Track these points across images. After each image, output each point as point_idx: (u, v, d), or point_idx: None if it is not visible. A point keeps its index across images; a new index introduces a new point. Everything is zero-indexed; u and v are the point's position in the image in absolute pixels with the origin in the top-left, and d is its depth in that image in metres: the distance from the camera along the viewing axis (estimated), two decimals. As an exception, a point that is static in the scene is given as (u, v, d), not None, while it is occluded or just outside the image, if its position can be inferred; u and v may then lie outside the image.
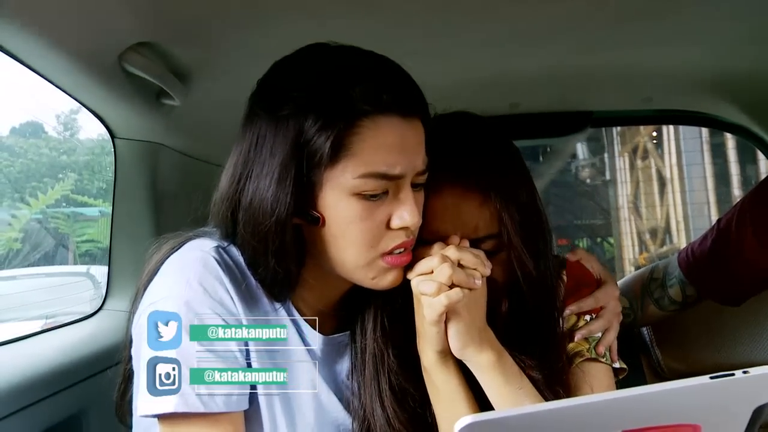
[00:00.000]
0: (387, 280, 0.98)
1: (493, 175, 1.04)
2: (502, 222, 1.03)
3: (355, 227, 0.92)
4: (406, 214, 0.94)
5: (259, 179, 0.91)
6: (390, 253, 0.95)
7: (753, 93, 1.79)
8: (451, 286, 0.94)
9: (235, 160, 0.94)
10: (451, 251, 0.97)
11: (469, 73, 1.55)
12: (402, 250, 0.96)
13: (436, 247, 0.99)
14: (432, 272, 0.95)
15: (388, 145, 0.91)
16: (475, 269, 0.96)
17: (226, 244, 0.97)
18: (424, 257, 0.98)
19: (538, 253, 1.07)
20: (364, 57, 0.94)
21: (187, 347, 0.88)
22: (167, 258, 0.96)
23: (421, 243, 1.00)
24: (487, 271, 0.98)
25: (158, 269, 0.96)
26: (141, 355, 0.90)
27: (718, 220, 1.47)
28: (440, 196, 1.03)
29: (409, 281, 0.99)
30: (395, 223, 0.94)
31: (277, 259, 0.92)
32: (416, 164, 0.95)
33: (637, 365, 1.69)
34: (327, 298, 1.05)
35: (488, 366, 0.98)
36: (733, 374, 0.58)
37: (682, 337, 1.67)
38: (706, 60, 1.59)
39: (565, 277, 1.16)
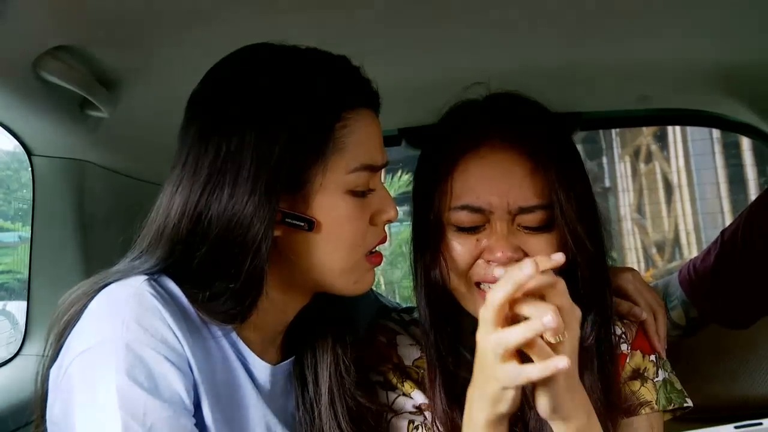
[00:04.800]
0: (367, 282, 1.08)
1: (547, 144, 1.14)
2: (555, 193, 1.11)
3: (349, 227, 1.02)
4: (390, 208, 1.07)
5: (235, 189, 0.95)
6: (371, 252, 1.06)
7: (761, 87, 1.81)
8: None
9: (192, 173, 0.98)
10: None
11: (437, 73, 1.57)
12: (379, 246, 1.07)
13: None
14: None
15: (371, 136, 1.04)
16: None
17: (156, 275, 0.99)
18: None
19: (594, 233, 1.16)
20: (324, 54, 1.05)
21: (129, 394, 0.89)
22: (89, 302, 0.97)
23: (462, 210, 1.11)
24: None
25: (79, 315, 0.96)
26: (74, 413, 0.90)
27: (722, 232, 1.50)
28: (488, 160, 1.13)
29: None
30: (382, 218, 1.06)
31: (251, 274, 0.97)
32: (386, 156, 1.07)
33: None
34: (280, 320, 1.10)
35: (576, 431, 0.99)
36: (761, 423, 0.59)
37: (691, 367, 1.68)
38: (707, 52, 1.62)
39: None
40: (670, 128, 8.94)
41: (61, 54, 1.23)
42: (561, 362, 0.85)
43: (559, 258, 0.91)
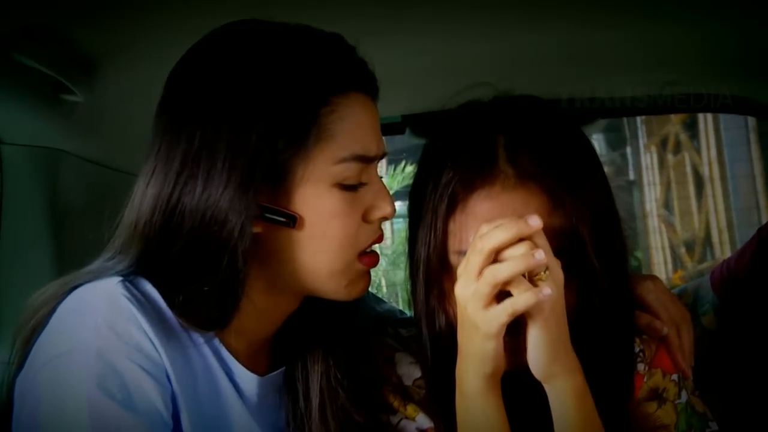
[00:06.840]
0: (361, 286, 1.07)
1: (569, 175, 1.07)
2: (576, 236, 1.06)
3: (337, 223, 1.00)
4: (385, 203, 1.05)
5: (209, 180, 0.95)
6: (365, 252, 1.04)
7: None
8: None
9: (164, 163, 0.98)
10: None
11: (445, 55, 1.58)
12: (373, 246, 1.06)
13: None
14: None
15: (363, 124, 1.02)
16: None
17: (131, 276, 0.99)
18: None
19: (618, 278, 1.12)
20: (313, 31, 1.03)
21: (100, 407, 0.89)
22: (57, 305, 0.97)
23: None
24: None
25: (47, 320, 0.96)
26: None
27: (759, 230, 1.49)
28: (499, 201, 1.05)
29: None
30: (376, 214, 1.04)
31: (228, 275, 0.96)
32: (382, 147, 1.06)
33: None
34: (266, 326, 1.10)
35: (573, 393, 0.99)
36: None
37: (720, 379, 1.67)
38: (739, 33, 1.62)
39: None
40: (700, 116, 8.89)
41: (34, 33, 1.24)
42: (546, 289, 0.90)
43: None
